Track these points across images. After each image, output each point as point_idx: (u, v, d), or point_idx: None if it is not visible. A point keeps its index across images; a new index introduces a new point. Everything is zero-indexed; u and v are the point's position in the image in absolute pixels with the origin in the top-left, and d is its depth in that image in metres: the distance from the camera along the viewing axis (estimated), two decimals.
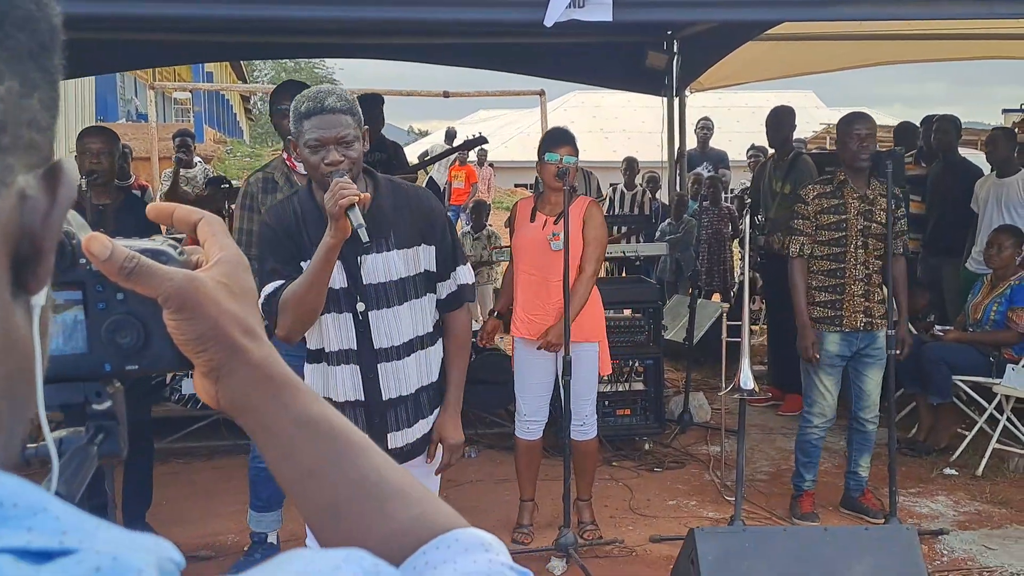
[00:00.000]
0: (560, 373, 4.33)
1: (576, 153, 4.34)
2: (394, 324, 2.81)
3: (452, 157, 13.51)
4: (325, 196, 2.55)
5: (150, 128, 14.88)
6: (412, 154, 14.80)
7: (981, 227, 6.44)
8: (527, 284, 4.44)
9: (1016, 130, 9.06)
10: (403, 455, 2.88)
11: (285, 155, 4.07)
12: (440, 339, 2.93)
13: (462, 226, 9.74)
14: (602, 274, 6.07)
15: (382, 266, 2.77)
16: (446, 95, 13.95)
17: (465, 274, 2.93)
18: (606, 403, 5.76)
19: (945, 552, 4.48)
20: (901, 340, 4.74)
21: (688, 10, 3.87)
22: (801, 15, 4.30)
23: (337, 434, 0.76)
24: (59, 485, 0.65)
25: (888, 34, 7.60)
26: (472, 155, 15.33)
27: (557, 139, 4.38)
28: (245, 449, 5.77)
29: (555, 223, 4.34)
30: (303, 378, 2.86)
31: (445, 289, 2.90)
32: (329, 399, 2.80)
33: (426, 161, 7.55)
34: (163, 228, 3.30)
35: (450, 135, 16.78)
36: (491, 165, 17.06)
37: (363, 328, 2.78)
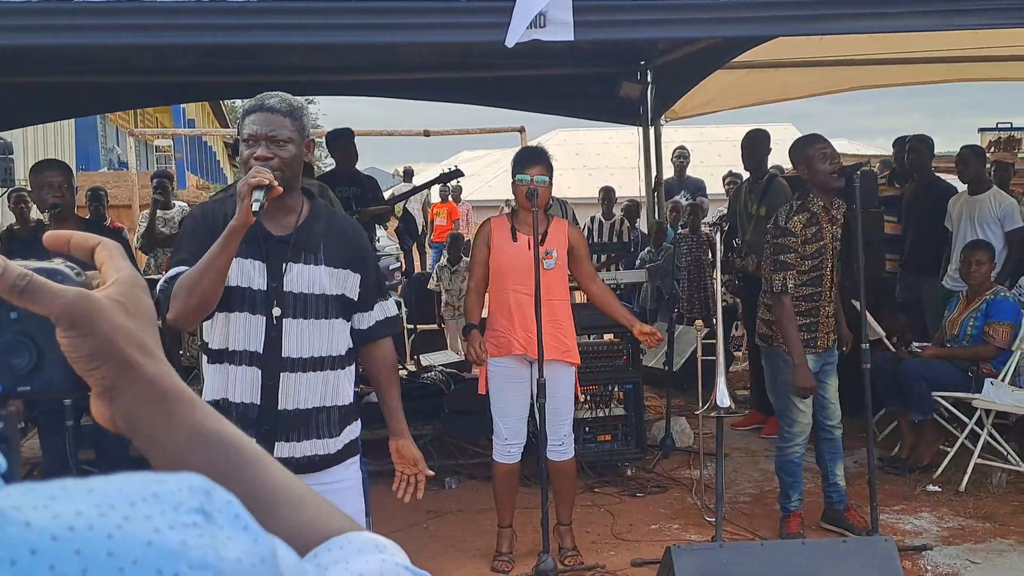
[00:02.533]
0: (535, 395, 4.31)
1: (548, 172, 4.35)
2: (306, 336, 2.77)
3: (427, 194, 13.52)
4: (239, 182, 2.55)
5: (131, 175, 14.90)
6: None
7: (955, 244, 6.46)
8: (517, 302, 4.41)
9: (992, 148, 9.15)
10: (288, 467, 2.83)
11: None
12: (351, 366, 2.89)
13: (442, 261, 9.73)
14: (582, 299, 6.07)
15: (307, 277, 2.75)
16: (426, 134, 14.05)
17: (391, 307, 2.96)
18: (587, 429, 5.72)
19: (929, 567, 4.44)
20: (847, 340, 4.93)
21: (649, 28, 3.89)
22: (753, 31, 4.33)
23: (230, 445, 0.76)
24: None
25: (862, 59, 7.67)
26: (449, 194, 15.42)
27: (528, 159, 4.40)
28: None
29: (541, 243, 4.33)
30: (205, 379, 2.85)
31: (368, 319, 2.88)
32: (225, 399, 2.76)
33: (402, 195, 7.55)
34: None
35: (408, 174, 16.93)
36: (466, 201, 17.13)
37: (275, 334, 2.74)
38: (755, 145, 6.70)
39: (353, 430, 2.94)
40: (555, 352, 4.33)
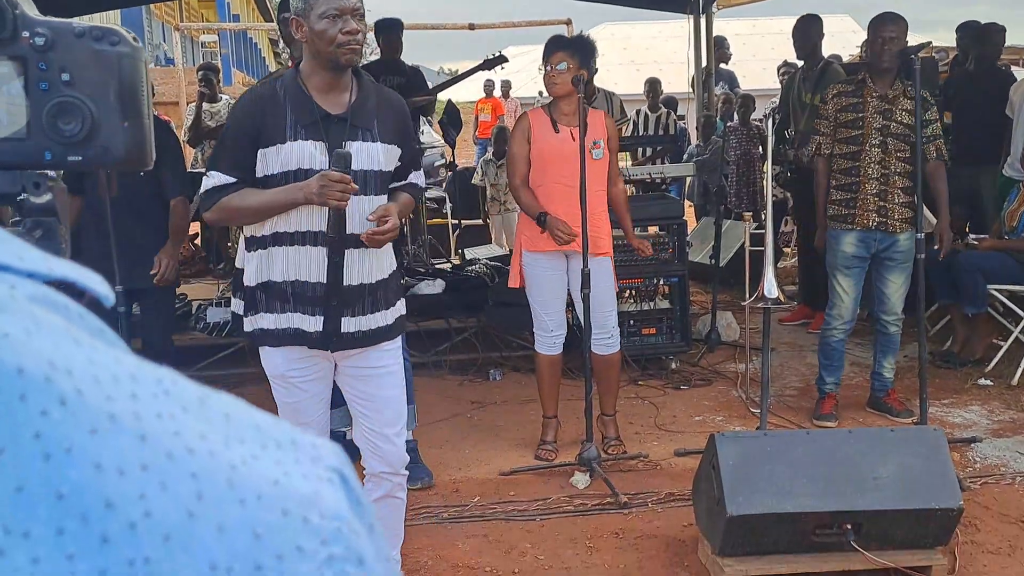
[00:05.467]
0: (579, 287, 4.26)
1: (574, 57, 4.23)
2: (367, 213, 2.78)
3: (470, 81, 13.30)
4: (315, 184, 2.63)
5: (177, 71, 14.88)
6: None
7: (1016, 132, 6.22)
8: (560, 195, 4.32)
9: None
10: (354, 340, 2.88)
11: (291, 63, 4.08)
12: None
13: (487, 155, 9.62)
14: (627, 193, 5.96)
15: (366, 154, 2.78)
16: (472, 27, 13.81)
17: (419, 177, 3.03)
18: (631, 322, 5.69)
19: (978, 459, 4.39)
20: (940, 236, 4.76)
21: None
22: None
23: None
24: None
25: None
26: (497, 89, 15.16)
27: (551, 47, 4.32)
28: None
29: (581, 131, 4.24)
30: (251, 263, 2.89)
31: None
32: (279, 280, 2.80)
33: (445, 83, 7.41)
34: None
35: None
36: (516, 99, 16.85)
37: (339, 212, 2.74)
38: (806, 30, 6.46)
39: (402, 304, 3.01)
40: (588, 245, 4.22)
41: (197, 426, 0.40)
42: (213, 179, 2.78)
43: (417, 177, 3.01)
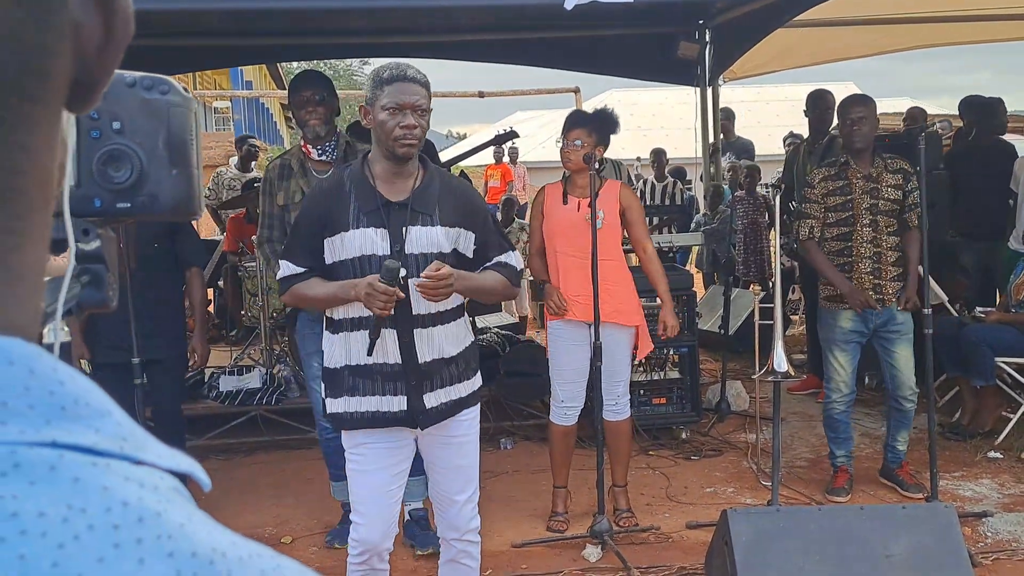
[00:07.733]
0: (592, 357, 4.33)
1: (591, 135, 4.34)
2: None
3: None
4: (363, 288, 2.75)
5: None
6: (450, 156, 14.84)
7: (1021, 206, 6.30)
8: (569, 266, 4.43)
9: None
10: (437, 415, 2.99)
11: (303, 142, 4.20)
12: (462, 317, 3.05)
13: None
14: (635, 262, 6.04)
15: (426, 238, 2.88)
16: (481, 95, 14.01)
17: (514, 258, 3.06)
18: (641, 392, 5.73)
19: (989, 534, 4.39)
20: (908, 296, 4.70)
21: None
22: None
23: None
24: None
25: (926, 17, 7.47)
26: (506, 155, 15.36)
27: (569, 123, 4.44)
28: (283, 445, 5.84)
29: (590, 205, 4.35)
30: (330, 348, 3.00)
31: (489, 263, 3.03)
32: (355, 364, 2.91)
33: (457, 157, 7.57)
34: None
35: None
36: (523, 165, 17.03)
37: (403, 294, 2.85)
38: (825, 105, 6.61)
39: (479, 376, 3.11)
40: (604, 314, 4.28)
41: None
42: (284, 270, 2.95)
43: (508, 258, 3.03)
